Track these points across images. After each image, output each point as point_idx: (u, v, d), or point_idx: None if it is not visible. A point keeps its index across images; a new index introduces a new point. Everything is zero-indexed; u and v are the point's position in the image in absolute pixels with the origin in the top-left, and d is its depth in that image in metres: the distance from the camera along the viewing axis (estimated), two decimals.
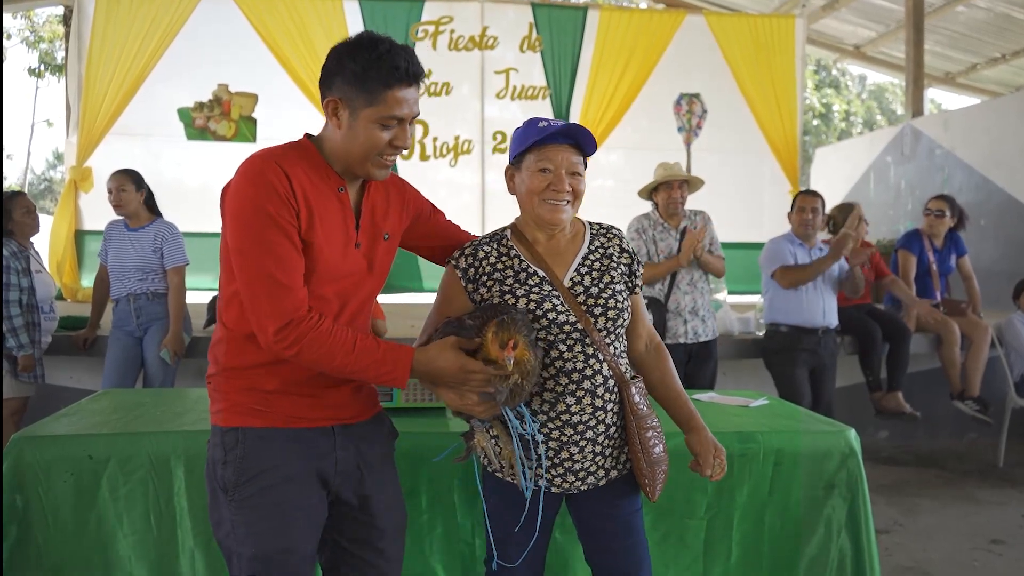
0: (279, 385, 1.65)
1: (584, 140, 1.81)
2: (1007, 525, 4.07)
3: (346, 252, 1.67)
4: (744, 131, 8.34)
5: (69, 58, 7.55)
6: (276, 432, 1.64)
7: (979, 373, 5.14)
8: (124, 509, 2.16)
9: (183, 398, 2.76)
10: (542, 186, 1.78)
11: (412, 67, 1.60)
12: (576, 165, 1.80)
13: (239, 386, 1.66)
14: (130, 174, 4.16)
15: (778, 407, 2.77)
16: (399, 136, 1.63)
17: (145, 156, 7.63)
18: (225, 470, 1.63)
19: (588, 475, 1.81)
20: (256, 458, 1.62)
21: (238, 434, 1.63)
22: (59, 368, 4.76)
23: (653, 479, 1.80)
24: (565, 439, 1.77)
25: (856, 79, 24.86)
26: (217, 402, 1.69)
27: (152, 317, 4.11)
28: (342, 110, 1.61)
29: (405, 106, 1.61)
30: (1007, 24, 9.74)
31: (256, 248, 1.54)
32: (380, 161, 1.65)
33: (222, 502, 1.64)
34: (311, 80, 7.57)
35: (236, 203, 1.57)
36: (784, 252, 4.44)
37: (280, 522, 1.62)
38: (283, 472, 1.63)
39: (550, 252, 1.84)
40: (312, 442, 1.67)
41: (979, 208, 7.84)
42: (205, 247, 7.55)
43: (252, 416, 1.64)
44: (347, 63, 1.58)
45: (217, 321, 1.73)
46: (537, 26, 8.07)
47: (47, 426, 2.30)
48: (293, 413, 1.66)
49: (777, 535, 2.31)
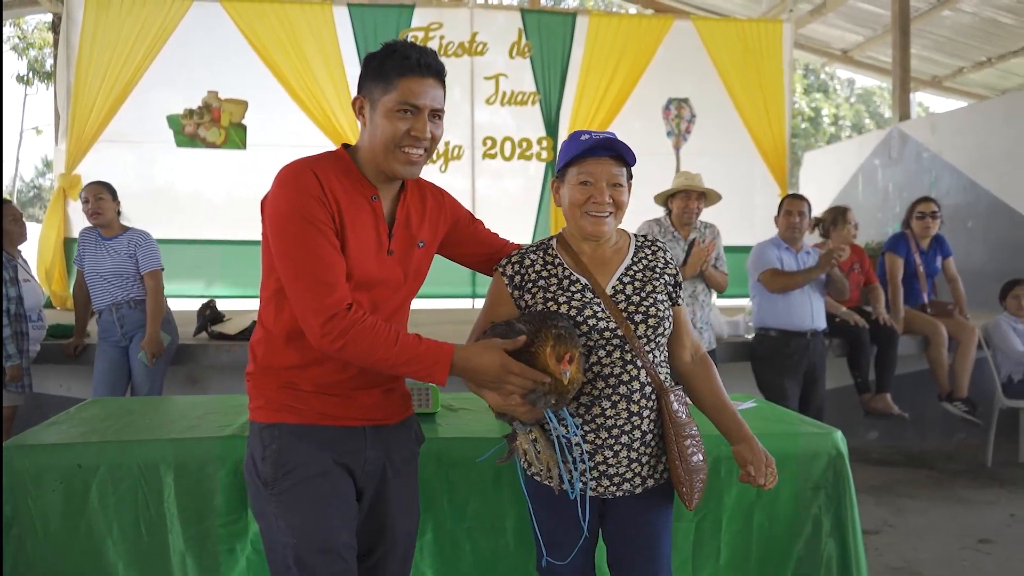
0: (316, 382, 1.72)
1: (624, 151, 1.84)
2: (995, 524, 4.10)
3: (379, 259, 1.73)
4: (733, 135, 8.39)
5: (58, 65, 7.54)
6: (310, 429, 1.71)
7: (967, 374, 5.18)
8: (114, 517, 2.16)
9: (172, 406, 2.76)
10: (584, 199, 1.83)
11: (424, 59, 1.68)
12: (617, 177, 1.83)
13: (275, 384, 1.73)
14: (105, 185, 4.24)
15: (766, 410, 2.79)
16: (416, 126, 1.67)
17: (135, 163, 7.64)
18: (264, 465, 1.70)
19: (624, 481, 1.83)
20: (291, 453, 1.69)
21: (274, 430, 1.70)
22: (48, 377, 4.75)
23: (691, 487, 1.81)
24: (600, 442, 1.80)
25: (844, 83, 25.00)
26: (255, 399, 1.76)
27: (135, 325, 4.13)
28: (365, 106, 1.71)
29: (419, 95, 1.67)
30: (992, 28, 9.83)
31: (297, 250, 1.60)
32: (403, 155, 1.69)
33: (263, 496, 1.70)
34: (301, 86, 7.59)
35: (275, 209, 1.64)
36: (771, 256, 4.47)
37: (318, 514, 1.68)
38: (317, 467, 1.69)
39: (594, 261, 1.89)
40: (343, 440, 1.73)
41: (966, 210, 7.90)
42: (195, 254, 7.58)
43: (288, 413, 1.71)
44: (370, 63, 1.70)
45: (257, 322, 1.80)
46: (526, 32, 8.10)
47: (36, 435, 2.30)
48: (326, 411, 1.72)
49: (765, 536, 2.33)
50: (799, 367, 4.41)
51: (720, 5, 10.79)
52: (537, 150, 8.10)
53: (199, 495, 2.20)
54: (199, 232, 7.61)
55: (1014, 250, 7.25)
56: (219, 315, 5.08)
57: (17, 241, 4.19)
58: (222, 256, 7.60)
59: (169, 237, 7.34)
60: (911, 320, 5.29)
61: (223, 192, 7.91)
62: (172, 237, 7.40)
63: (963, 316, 5.45)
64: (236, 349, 4.69)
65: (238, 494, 2.22)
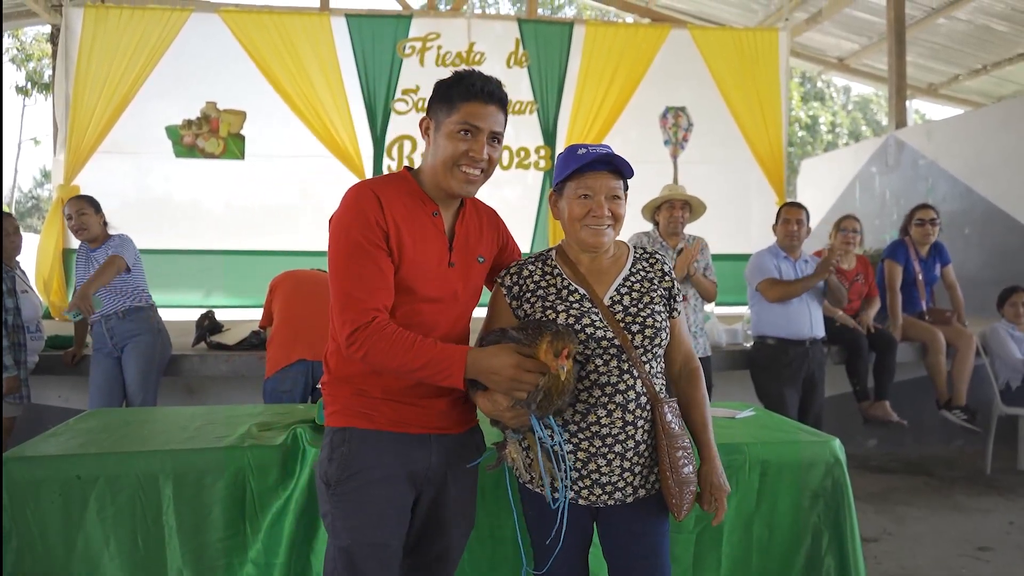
0: (386, 390, 1.81)
1: (622, 166, 1.88)
2: (994, 532, 4.10)
3: (440, 271, 1.84)
4: (730, 143, 8.39)
5: (56, 76, 7.55)
6: (379, 435, 1.80)
7: (965, 381, 5.18)
8: (111, 529, 2.16)
9: (169, 417, 2.77)
10: (583, 212, 1.87)
11: (488, 87, 1.81)
12: (615, 189, 1.87)
13: (349, 391, 1.83)
14: (87, 199, 4.26)
15: (764, 418, 2.79)
16: (475, 147, 1.80)
17: (134, 174, 7.65)
18: (330, 466, 1.80)
19: (616, 490, 1.84)
20: (358, 456, 1.78)
21: (345, 434, 1.81)
22: (47, 388, 4.74)
23: (681, 498, 1.82)
24: (594, 451, 1.83)
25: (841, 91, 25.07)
26: (331, 405, 1.86)
27: (126, 335, 4.14)
28: (430, 127, 1.85)
29: (479, 118, 1.79)
30: (987, 36, 9.88)
31: (341, 269, 1.74)
32: (461, 174, 1.81)
33: (325, 496, 1.81)
34: (299, 97, 7.60)
35: (333, 227, 1.79)
36: (768, 265, 4.48)
37: (375, 517, 1.77)
38: (382, 471, 1.78)
39: (592, 272, 1.92)
40: (410, 447, 1.82)
41: (963, 217, 7.92)
42: (194, 264, 7.59)
43: (359, 418, 1.81)
44: (439, 87, 1.85)
45: (330, 335, 1.88)
46: (523, 41, 8.12)
47: (34, 446, 2.30)
48: (396, 419, 1.81)
49: (765, 546, 2.33)
50: (798, 375, 4.41)
51: (716, 14, 10.83)
52: (535, 159, 8.11)
53: (197, 507, 2.21)
54: (198, 242, 7.61)
55: (1010, 256, 7.27)
56: (218, 325, 5.08)
57: (15, 253, 4.20)
58: (221, 266, 7.60)
59: (168, 248, 7.38)
60: (909, 327, 5.29)
61: (221, 202, 7.91)
62: (171, 248, 7.42)
63: (961, 323, 5.46)
64: (234, 359, 4.69)
65: (236, 507, 2.23)
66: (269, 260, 7.10)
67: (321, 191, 7.61)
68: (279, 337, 3.73)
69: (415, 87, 7.85)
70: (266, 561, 2.21)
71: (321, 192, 7.61)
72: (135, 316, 4.15)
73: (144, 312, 4.21)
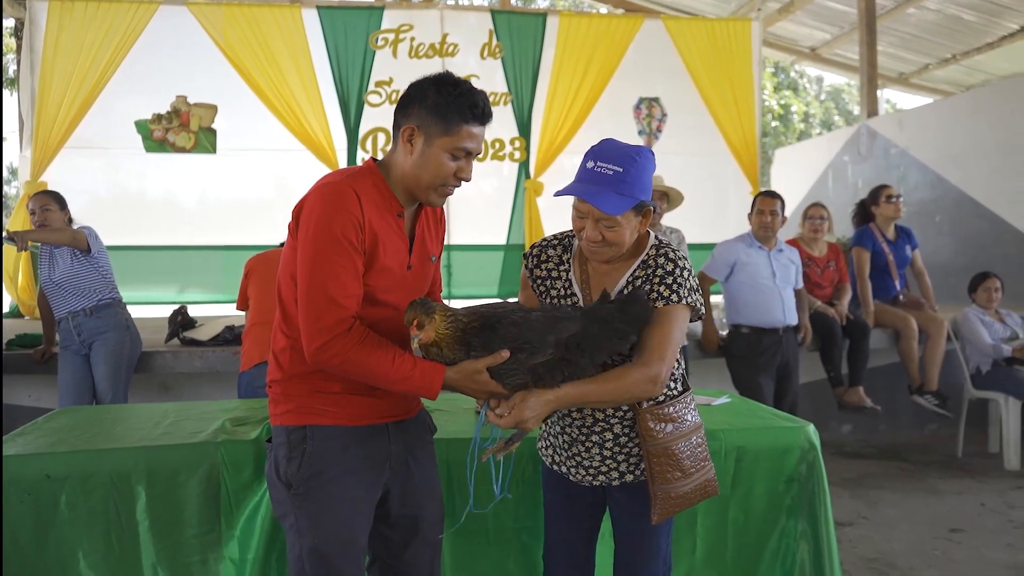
0: (343, 385, 1.78)
1: (620, 192, 1.76)
2: (966, 514, 4.16)
3: (400, 274, 1.82)
4: (704, 134, 8.42)
5: (21, 71, 7.41)
6: (340, 430, 1.78)
7: (936, 367, 5.25)
8: (84, 529, 2.13)
9: (141, 413, 2.73)
10: (578, 228, 1.84)
11: (487, 108, 1.78)
12: (608, 217, 1.76)
13: (305, 390, 1.79)
14: (52, 195, 4.18)
15: (740, 405, 2.81)
16: (464, 169, 1.78)
17: (103, 169, 7.53)
18: (290, 466, 1.77)
19: (599, 473, 1.89)
20: (322, 454, 1.76)
21: (305, 432, 1.77)
22: (17, 387, 4.67)
23: (656, 503, 1.82)
24: (574, 436, 1.88)
25: (814, 81, 25.24)
26: (282, 404, 1.81)
27: (93, 332, 4.06)
28: (417, 137, 1.75)
29: (474, 141, 1.77)
30: (956, 25, 9.99)
31: (319, 265, 1.68)
32: (443, 190, 1.80)
33: (286, 498, 1.78)
34: (271, 89, 7.51)
35: (310, 220, 1.70)
36: (729, 257, 4.49)
37: (342, 514, 1.76)
38: (346, 466, 1.77)
39: (598, 273, 1.89)
40: (371, 439, 1.82)
41: (934, 205, 8.02)
42: (166, 260, 7.50)
43: (318, 416, 1.78)
44: (431, 94, 1.74)
45: (276, 331, 1.85)
46: (497, 33, 8.07)
47: (3, 446, 2.25)
48: (355, 413, 1.80)
49: (740, 529, 2.35)
50: (772, 363, 4.44)
51: (690, 4, 10.86)
52: (510, 150, 8.09)
53: (171, 504, 2.18)
54: (170, 238, 7.51)
55: (981, 244, 7.38)
56: (191, 321, 5.02)
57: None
58: (193, 262, 7.51)
59: (139, 244, 7.27)
60: (882, 314, 5.35)
61: (193, 197, 7.81)
62: (142, 244, 7.31)
63: (932, 309, 5.53)
64: (208, 355, 4.64)
65: (211, 503, 2.21)
66: (243, 255, 6.94)
67: (295, 184, 7.48)
68: (255, 332, 3.69)
69: (388, 79, 7.78)
70: (241, 557, 2.19)
71: (295, 185, 7.49)
72: (102, 313, 4.08)
73: (112, 308, 4.13)
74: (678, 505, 1.83)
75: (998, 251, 7.07)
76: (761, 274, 4.45)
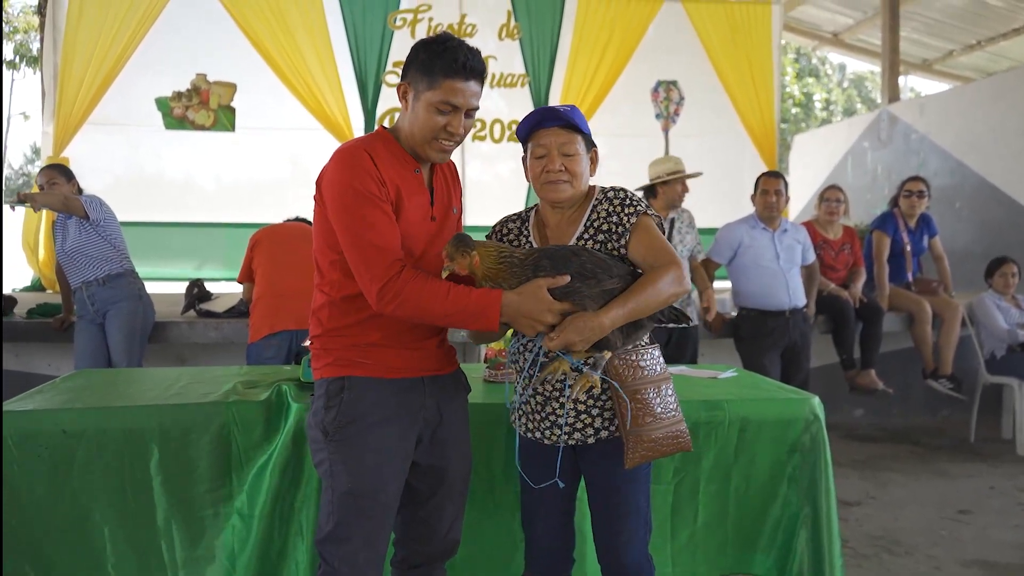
0: (379, 338, 1.87)
1: (575, 119, 1.89)
2: (975, 496, 4.16)
3: (423, 226, 1.89)
4: (722, 117, 8.36)
5: (44, 49, 7.48)
6: (376, 381, 1.86)
7: (951, 351, 5.23)
8: (99, 482, 2.19)
9: (155, 376, 2.78)
10: (539, 169, 1.90)
11: (470, 62, 1.82)
12: (567, 145, 1.88)
13: (343, 343, 1.87)
14: (58, 167, 4.25)
15: (745, 378, 2.82)
16: (452, 123, 1.83)
17: (123, 146, 7.60)
18: (327, 414, 1.84)
19: (574, 431, 1.91)
20: (358, 402, 1.84)
21: (343, 382, 1.85)
22: (36, 355, 4.76)
23: (627, 446, 1.84)
24: (547, 395, 1.91)
25: (836, 68, 24.99)
26: (323, 358, 1.90)
27: (107, 302, 4.12)
28: (409, 93, 1.86)
29: (459, 96, 1.81)
30: (982, 11, 9.83)
31: (356, 222, 1.76)
32: (438, 144, 1.86)
33: (323, 446, 1.85)
34: (289, 68, 7.54)
35: (335, 186, 1.80)
36: (733, 239, 4.50)
37: (376, 460, 1.83)
38: (381, 414, 1.84)
39: (556, 231, 1.95)
40: (407, 390, 1.89)
41: (954, 191, 7.94)
42: (184, 237, 7.57)
43: (356, 367, 1.86)
44: (420, 53, 1.83)
45: (316, 289, 1.94)
46: (515, 13, 8.05)
47: (20, 402, 2.32)
48: (392, 365, 1.87)
49: (742, 497, 2.37)
50: (778, 345, 4.43)
51: None
52: None
53: (184, 461, 2.24)
54: (188, 215, 7.59)
55: (1000, 230, 7.30)
56: (207, 294, 5.09)
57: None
58: (210, 239, 7.58)
59: (157, 220, 7.36)
60: (896, 298, 5.33)
61: (212, 175, 7.88)
62: (161, 220, 7.40)
63: (948, 294, 5.50)
64: (223, 326, 4.70)
65: (222, 460, 2.26)
66: None
67: (312, 163, 7.55)
68: (263, 306, 3.75)
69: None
70: (249, 511, 2.24)
71: (312, 164, 7.53)
72: (115, 283, 4.13)
73: (124, 278, 4.17)
74: (651, 450, 1.84)
75: (1016, 237, 7.00)
76: (765, 256, 4.45)
